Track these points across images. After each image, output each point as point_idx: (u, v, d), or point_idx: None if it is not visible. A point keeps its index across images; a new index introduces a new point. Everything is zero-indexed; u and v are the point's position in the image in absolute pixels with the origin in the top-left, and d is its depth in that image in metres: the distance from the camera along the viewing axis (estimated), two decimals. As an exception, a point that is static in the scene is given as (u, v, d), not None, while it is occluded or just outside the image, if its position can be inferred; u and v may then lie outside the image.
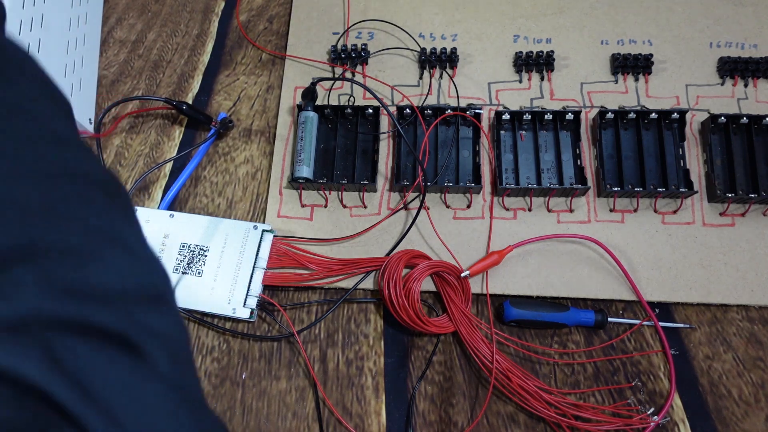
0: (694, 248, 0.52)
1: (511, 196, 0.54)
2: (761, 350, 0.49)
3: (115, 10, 0.68)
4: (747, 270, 0.51)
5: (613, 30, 0.61)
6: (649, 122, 0.55)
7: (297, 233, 0.54)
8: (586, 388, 0.48)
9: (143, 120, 0.61)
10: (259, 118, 0.61)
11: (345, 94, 0.60)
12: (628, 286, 0.50)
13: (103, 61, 0.65)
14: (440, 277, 0.50)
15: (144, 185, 0.58)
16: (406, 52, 0.62)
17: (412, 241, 0.53)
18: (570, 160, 0.55)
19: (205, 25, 0.67)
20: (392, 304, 0.48)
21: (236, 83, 0.63)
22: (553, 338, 0.50)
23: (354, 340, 0.51)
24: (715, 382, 0.48)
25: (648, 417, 0.46)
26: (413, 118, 0.56)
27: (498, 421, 0.47)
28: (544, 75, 0.59)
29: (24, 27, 0.50)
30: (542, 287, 0.51)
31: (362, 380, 0.49)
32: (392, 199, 0.55)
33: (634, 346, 0.49)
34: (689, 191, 0.52)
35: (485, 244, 0.53)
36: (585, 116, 0.57)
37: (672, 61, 0.59)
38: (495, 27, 0.62)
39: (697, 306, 0.51)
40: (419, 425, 0.47)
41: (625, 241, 0.52)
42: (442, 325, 0.49)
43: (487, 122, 0.58)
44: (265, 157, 0.58)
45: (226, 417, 0.48)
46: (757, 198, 0.51)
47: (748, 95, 0.57)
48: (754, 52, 0.59)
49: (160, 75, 0.64)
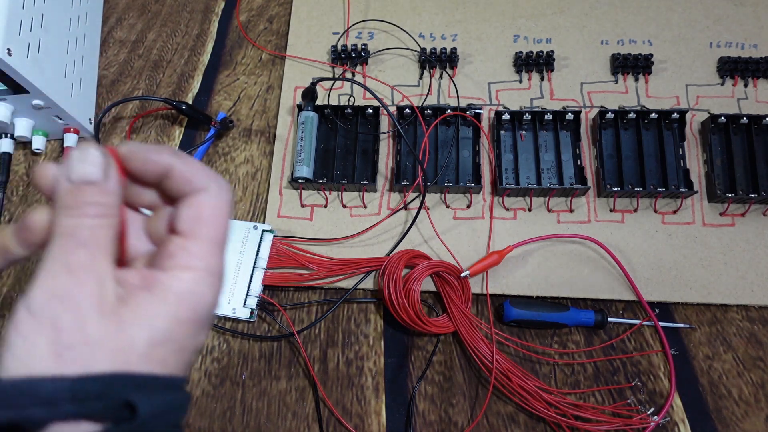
0: (694, 248, 0.52)
1: (511, 196, 0.54)
2: (761, 350, 0.49)
3: (115, 10, 0.68)
4: (747, 270, 0.51)
5: (613, 30, 0.61)
6: (649, 122, 0.55)
7: (297, 233, 0.54)
8: (586, 388, 0.48)
9: (143, 120, 0.61)
10: (259, 118, 0.61)
11: (345, 94, 0.60)
12: (628, 286, 0.50)
13: (103, 61, 0.65)
14: (440, 277, 0.50)
15: (144, 185, 0.58)
16: (406, 52, 0.62)
17: (412, 241, 0.53)
18: (570, 160, 0.55)
19: (205, 25, 0.67)
20: (392, 304, 0.48)
21: (236, 83, 0.63)
22: (553, 338, 0.50)
23: (354, 340, 0.51)
24: (715, 382, 0.48)
25: (648, 417, 0.46)
26: (413, 118, 0.56)
27: (498, 421, 0.47)
28: (544, 75, 0.59)
29: (24, 27, 0.50)
30: (542, 287, 0.51)
31: (362, 380, 0.49)
32: (392, 199, 0.55)
33: (634, 346, 0.49)
34: (689, 191, 0.52)
35: (485, 244, 0.53)
36: (585, 116, 0.57)
37: (672, 61, 0.59)
38: (495, 27, 0.63)
39: (697, 306, 0.51)
40: (419, 425, 0.47)
41: (625, 241, 0.52)
42: (442, 325, 0.49)
43: (487, 122, 0.58)
44: (265, 157, 0.58)
45: (226, 417, 0.48)
46: (757, 198, 0.51)
47: (748, 95, 0.57)
48: (754, 52, 0.59)
49: (160, 75, 0.64)
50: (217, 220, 0.23)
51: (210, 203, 0.23)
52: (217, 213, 0.23)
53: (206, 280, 0.22)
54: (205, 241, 0.22)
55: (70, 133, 0.58)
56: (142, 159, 0.23)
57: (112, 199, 0.22)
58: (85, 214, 0.21)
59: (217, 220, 0.23)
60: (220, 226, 0.23)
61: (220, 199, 0.23)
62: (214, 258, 0.23)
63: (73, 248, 0.21)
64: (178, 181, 0.23)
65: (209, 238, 0.23)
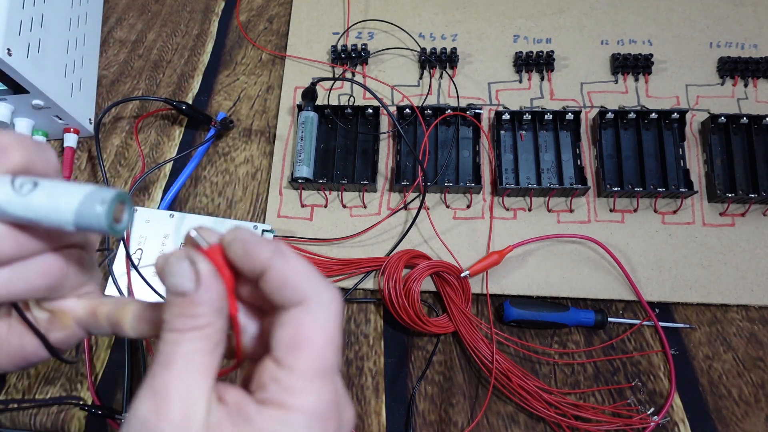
0: (694, 248, 0.52)
1: (511, 196, 0.54)
2: (761, 350, 0.49)
3: (115, 10, 0.68)
4: (747, 270, 0.51)
5: (613, 30, 0.61)
6: (649, 122, 0.55)
7: (297, 233, 0.54)
8: (586, 388, 0.48)
9: (143, 120, 0.61)
10: (259, 118, 0.61)
11: (345, 94, 0.60)
12: (628, 286, 0.50)
13: (103, 61, 0.65)
14: (440, 277, 0.50)
15: (144, 185, 0.58)
16: (406, 52, 0.62)
17: (412, 241, 0.53)
18: (570, 160, 0.55)
19: (205, 25, 0.67)
20: (392, 304, 0.48)
21: (236, 83, 0.63)
22: (553, 338, 0.50)
23: (354, 340, 0.51)
24: (715, 382, 0.48)
25: (648, 417, 0.46)
26: (413, 118, 0.56)
27: (498, 421, 0.47)
28: (544, 75, 0.59)
29: (24, 27, 0.50)
30: (542, 287, 0.51)
31: (362, 380, 0.49)
32: (392, 199, 0.55)
33: (634, 346, 0.49)
34: (689, 191, 0.52)
35: (485, 244, 0.53)
36: (585, 116, 0.57)
37: (672, 61, 0.59)
38: (495, 27, 0.63)
39: (697, 306, 0.51)
40: (419, 425, 0.47)
41: (625, 241, 0.52)
42: (442, 325, 0.49)
43: (487, 122, 0.58)
44: (265, 157, 0.58)
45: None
46: (757, 198, 0.51)
47: (748, 95, 0.57)
48: (754, 52, 0.59)
49: (160, 75, 0.64)
50: (320, 345, 0.19)
51: (311, 323, 0.19)
52: (320, 335, 0.19)
53: (302, 421, 0.18)
54: (304, 372, 0.18)
55: (70, 133, 0.58)
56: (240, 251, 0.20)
57: (202, 310, 0.19)
58: (174, 328, 0.19)
59: (321, 345, 0.19)
60: (324, 354, 0.19)
61: (326, 317, 0.19)
62: (316, 394, 0.18)
63: (159, 370, 0.19)
64: (273, 285, 0.19)
65: (311, 369, 0.18)
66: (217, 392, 0.20)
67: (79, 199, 0.19)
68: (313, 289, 0.19)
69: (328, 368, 0.19)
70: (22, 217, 0.19)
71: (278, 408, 0.18)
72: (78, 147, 0.60)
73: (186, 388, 0.19)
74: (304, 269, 0.19)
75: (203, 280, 0.19)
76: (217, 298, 0.20)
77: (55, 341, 0.24)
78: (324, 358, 0.19)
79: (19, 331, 0.23)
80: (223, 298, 0.20)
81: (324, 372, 0.19)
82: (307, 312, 0.19)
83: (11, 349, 0.23)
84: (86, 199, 0.19)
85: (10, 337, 0.23)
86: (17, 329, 0.23)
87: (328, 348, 0.19)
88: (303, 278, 0.19)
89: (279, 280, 0.19)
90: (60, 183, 0.19)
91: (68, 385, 0.50)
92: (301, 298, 0.19)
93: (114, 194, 0.19)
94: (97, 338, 0.52)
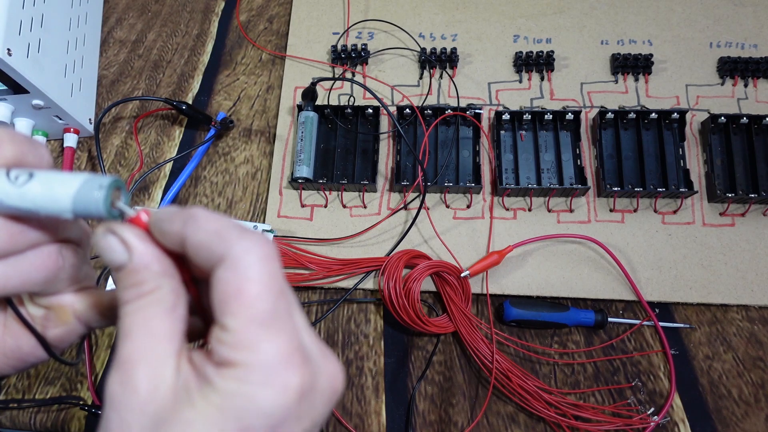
0: (694, 248, 0.52)
1: (511, 196, 0.54)
2: (761, 350, 0.49)
3: (115, 10, 0.68)
4: (747, 270, 0.51)
5: (613, 30, 0.61)
6: (649, 122, 0.55)
7: (297, 233, 0.54)
8: (586, 388, 0.48)
9: (143, 120, 0.61)
10: (259, 118, 0.61)
11: (345, 94, 0.60)
12: (628, 286, 0.50)
13: (103, 61, 0.65)
14: (440, 277, 0.50)
15: (144, 185, 0.58)
16: (406, 52, 0.62)
17: (412, 241, 0.53)
18: (570, 160, 0.55)
19: (205, 25, 0.67)
20: (392, 304, 0.48)
21: (236, 83, 0.63)
22: (553, 338, 0.50)
23: (354, 340, 0.51)
24: (715, 382, 0.48)
25: (648, 417, 0.46)
26: (413, 118, 0.56)
27: (498, 421, 0.47)
28: (544, 75, 0.59)
29: (24, 27, 0.50)
30: (542, 287, 0.51)
31: (362, 380, 0.49)
32: (392, 199, 0.55)
33: (634, 346, 0.49)
34: (689, 191, 0.52)
35: (485, 244, 0.53)
36: (585, 116, 0.57)
37: (672, 61, 0.59)
38: (495, 27, 0.63)
39: (697, 306, 0.51)
40: (419, 425, 0.47)
41: (625, 241, 0.52)
42: (442, 325, 0.49)
43: (487, 122, 0.58)
44: (265, 157, 0.58)
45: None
46: (757, 198, 0.51)
47: (748, 95, 0.57)
48: (754, 52, 0.59)
49: (160, 75, 0.64)
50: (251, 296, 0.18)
51: (234, 277, 0.18)
52: (248, 286, 0.18)
53: (258, 376, 0.18)
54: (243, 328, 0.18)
55: (70, 133, 0.58)
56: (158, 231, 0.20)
57: (143, 275, 0.19)
58: (125, 301, 0.19)
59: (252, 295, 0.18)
60: (257, 303, 0.18)
61: (249, 266, 0.18)
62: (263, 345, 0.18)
63: (120, 343, 0.19)
64: (193, 253, 0.19)
65: (247, 322, 0.18)
66: (187, 356, 0.19)
67: (76, 186, 0.19)
68: (229, 242, 0.18)
69: (268, 316, 0.18)
70: (19, 207, 0.19)
71: (231, 367, 0.18)
72: (78, 147, 0.60)
73: (149, 355, 0.18)
74: (216, 227, 0.19)
75: (133, 248, 0.19)
76: (155, 261, 0.19)
77: (53, 338, 0.24)
78: (258, 307, 0.18)
79: (15, 331, 0.23)
80: (162, 260, 0.20)
81: (263, 321, 0.18)
82: (228, 267, 0.18)
83: (7, 349, 0.23)
84: (83, 186, 0.19)
85: (5, 337, 0.23)
86: (13, 329, 0.23)
87: (262, 296, 0.18)
88: (215, 236, 0.18)
89: (196, 246, 0.19)
90: (55, 173, 0.19)
91: (68, 385, 0.50)
92: (220, 256, 0.18)
93: (110, 180, 0.19)
94: (97, 338, 0.52)
